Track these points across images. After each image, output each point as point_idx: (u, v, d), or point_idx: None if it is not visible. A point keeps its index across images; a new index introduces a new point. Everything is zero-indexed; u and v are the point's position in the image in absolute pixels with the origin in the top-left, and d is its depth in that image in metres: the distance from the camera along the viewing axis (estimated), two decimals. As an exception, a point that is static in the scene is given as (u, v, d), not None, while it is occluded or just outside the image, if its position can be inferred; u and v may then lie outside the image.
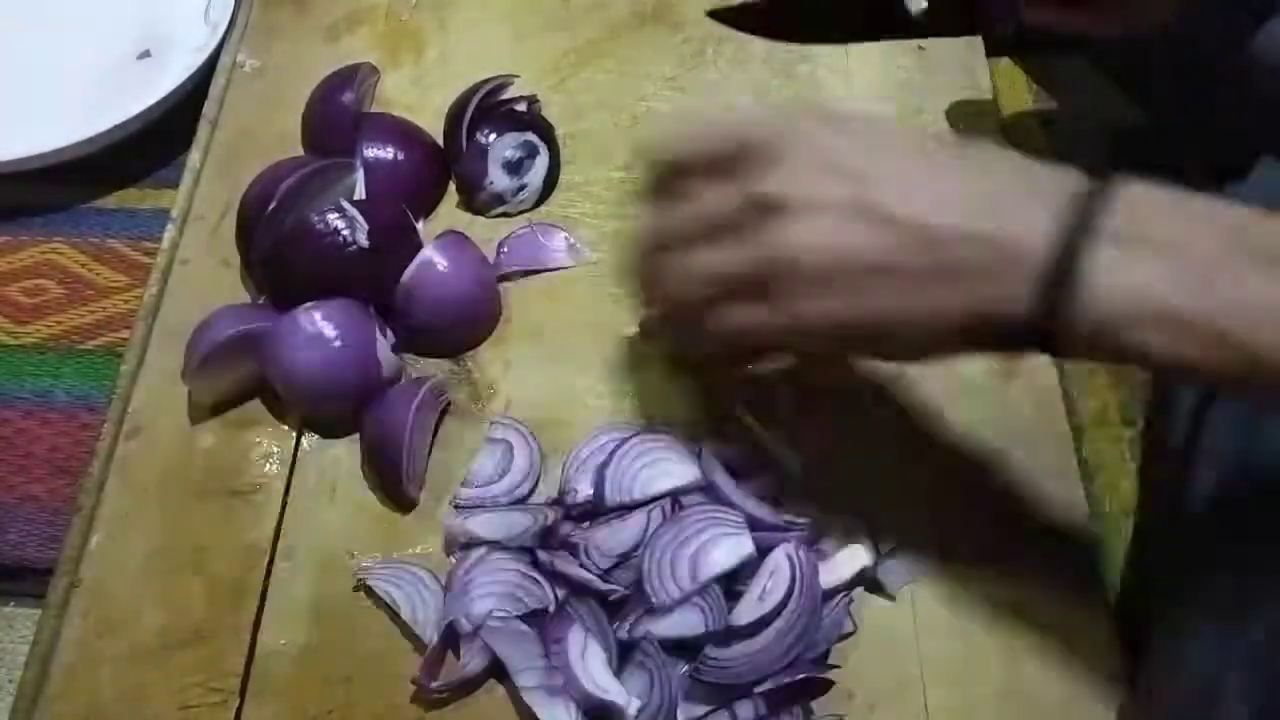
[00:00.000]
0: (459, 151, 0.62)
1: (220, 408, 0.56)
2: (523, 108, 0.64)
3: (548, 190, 0.63)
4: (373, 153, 0.61)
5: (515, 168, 0.62)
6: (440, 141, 0.64)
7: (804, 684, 0.47)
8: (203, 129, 0.66)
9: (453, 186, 0.64)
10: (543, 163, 0.63)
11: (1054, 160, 0.38)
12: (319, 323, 0.53)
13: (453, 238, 0.58)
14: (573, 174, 0.64)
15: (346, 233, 0.55)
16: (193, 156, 0.65)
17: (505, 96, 0.65)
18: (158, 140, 0.71)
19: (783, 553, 0.48)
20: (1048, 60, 0.72)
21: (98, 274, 0.69)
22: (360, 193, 0.60)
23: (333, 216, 0.55)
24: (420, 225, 0.59)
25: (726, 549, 0.48)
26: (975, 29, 0.56)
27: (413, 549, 0.52)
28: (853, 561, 0.50)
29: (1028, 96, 0.75)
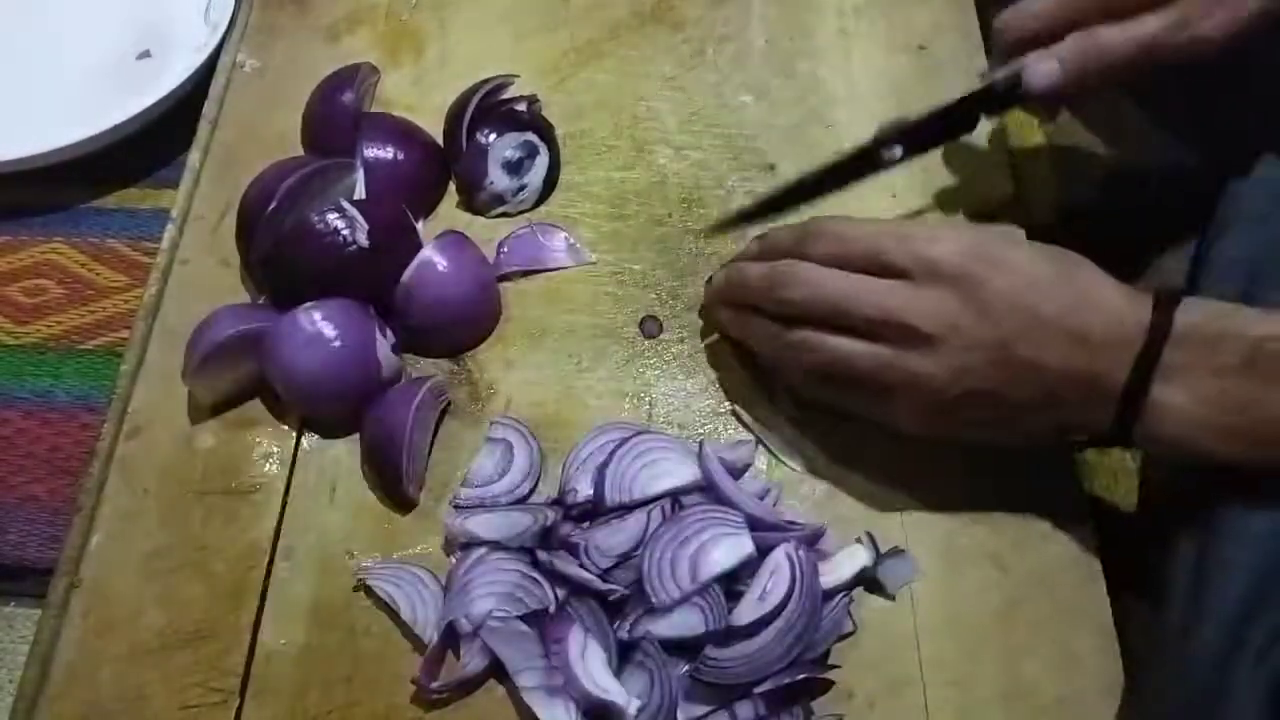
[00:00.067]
0: (459, 151, 0.62)
1: (220, 408, 0.56)
2: (523, 108, 0.64)
3: (548, 190, 0.63)
4: (373, 153, 0.61)
5: (515, 168, 0.62)
6: (440, 141, 0.64)
7: (804, 684, 0.47)
8: (203, 129, 0.66)
9: (453, 186, 0.64)
10: (543, 163, 0.63)
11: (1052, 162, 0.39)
12: (319, 323, 0.53)
13: (453, 238, 0.58)
14: (573, 174, 0.64)
15: (346, 232, 0.55)
16: (193, 156, 0.65)
17: (505, 96, 0.65)
18: (158, 140, 0.70)
19: (783, 553, 0.48)
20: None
21: (98, 274, 0.69)
22: (360, 193, 0.60)
23: (333, 216, 0.55)
24: (420, 225, 0.59)
25: (726, 549, 0.48)
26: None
27: (413, 549, 0.52)
28: (853, 561, 0.50)
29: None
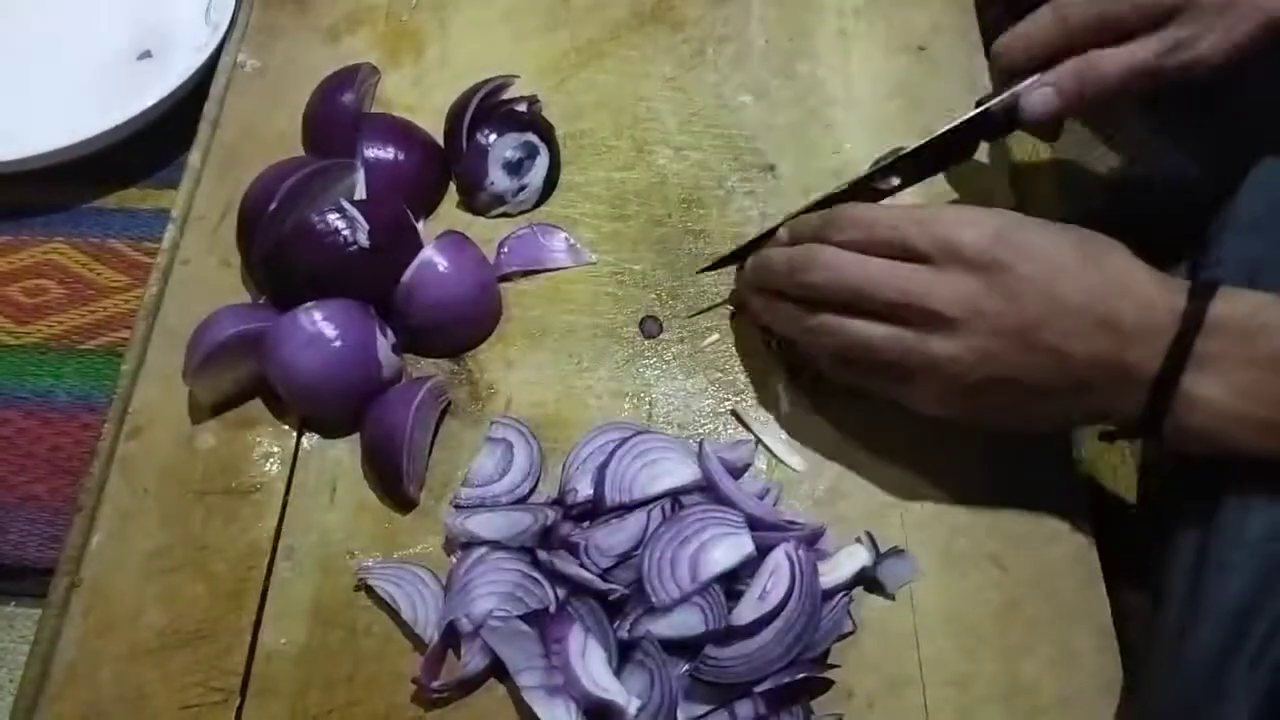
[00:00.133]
0: (459, 152, 0.62)
1: (220, 408, 0.56)
2: (523, 108, 0.64)
3: (548, 190, 0.63)
4: (373, 153, 0.61)
5: (515, 168, 0.62)
6: (440, 141, 0.64)
7: (803, 683, 0.47)
8: (203, 129, 0.66)
9: (453, 186, 0.64)
10: (543, 163, 0.63)
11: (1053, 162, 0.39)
12: (319, 323, 0.53)
13: (453, 238, 0.58)
14: (573, 174, 0.64)
15: (347, 233, 0.55)
16: (193, 156, 0.65)
17: (505, 97, 0.65)
18: (158, 140, 0.70)
19: (783, 552, 0.48)
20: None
21: (98, 274, 0.69)
22: (360, 193, 0.60)
23: (333, 216, 0.55)
24: (420, 225, 0.59)
25: (726, 548, 0.48)
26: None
27: (413, 549, 0.52)
28: (852, 561, 0.50)
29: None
